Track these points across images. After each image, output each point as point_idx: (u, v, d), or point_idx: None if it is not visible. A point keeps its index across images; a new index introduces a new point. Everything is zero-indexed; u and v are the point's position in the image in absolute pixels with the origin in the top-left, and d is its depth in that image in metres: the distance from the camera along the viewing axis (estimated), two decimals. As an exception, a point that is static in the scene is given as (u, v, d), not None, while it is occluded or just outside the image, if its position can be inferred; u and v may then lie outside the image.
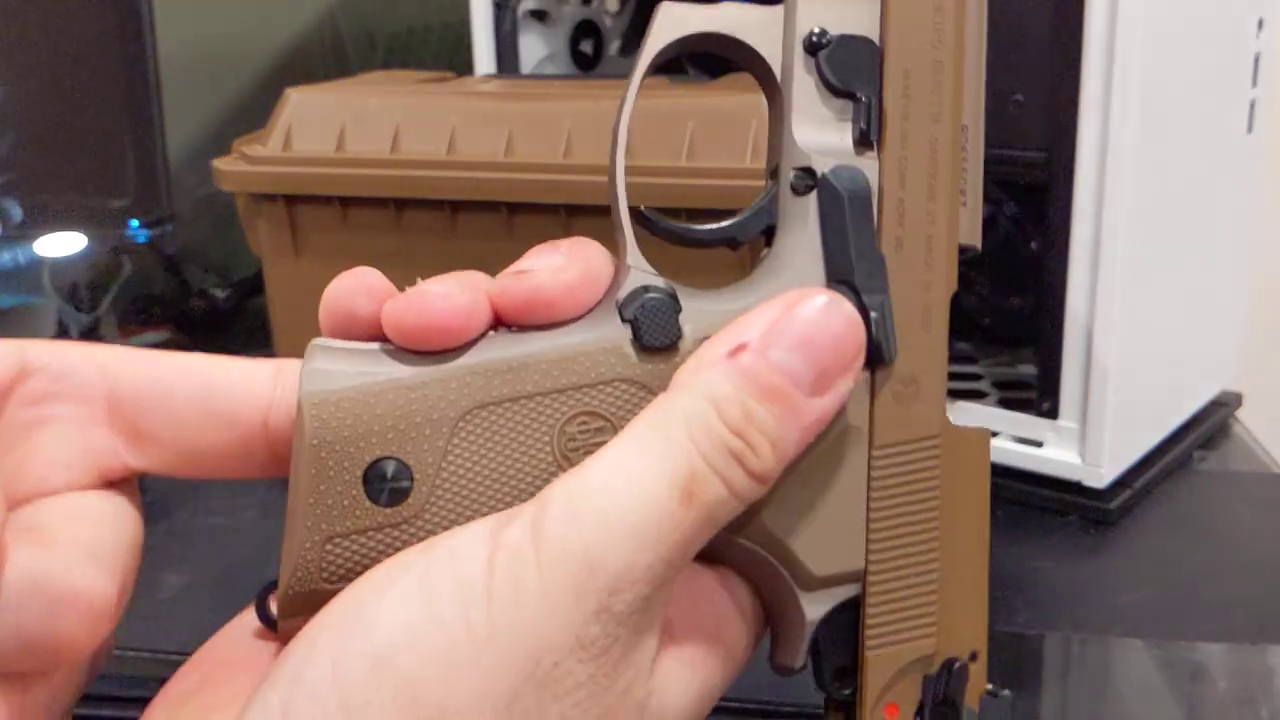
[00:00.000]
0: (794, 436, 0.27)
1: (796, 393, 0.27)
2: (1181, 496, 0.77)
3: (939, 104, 0.30)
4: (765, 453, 0.26)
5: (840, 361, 0.27)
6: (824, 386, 0.27)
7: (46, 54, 1.12)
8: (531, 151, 0.67)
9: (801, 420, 0.27)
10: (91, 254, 1.18)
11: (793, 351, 0.27)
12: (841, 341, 0.27)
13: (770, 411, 0.26)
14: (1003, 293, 0.83)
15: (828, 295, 0.28)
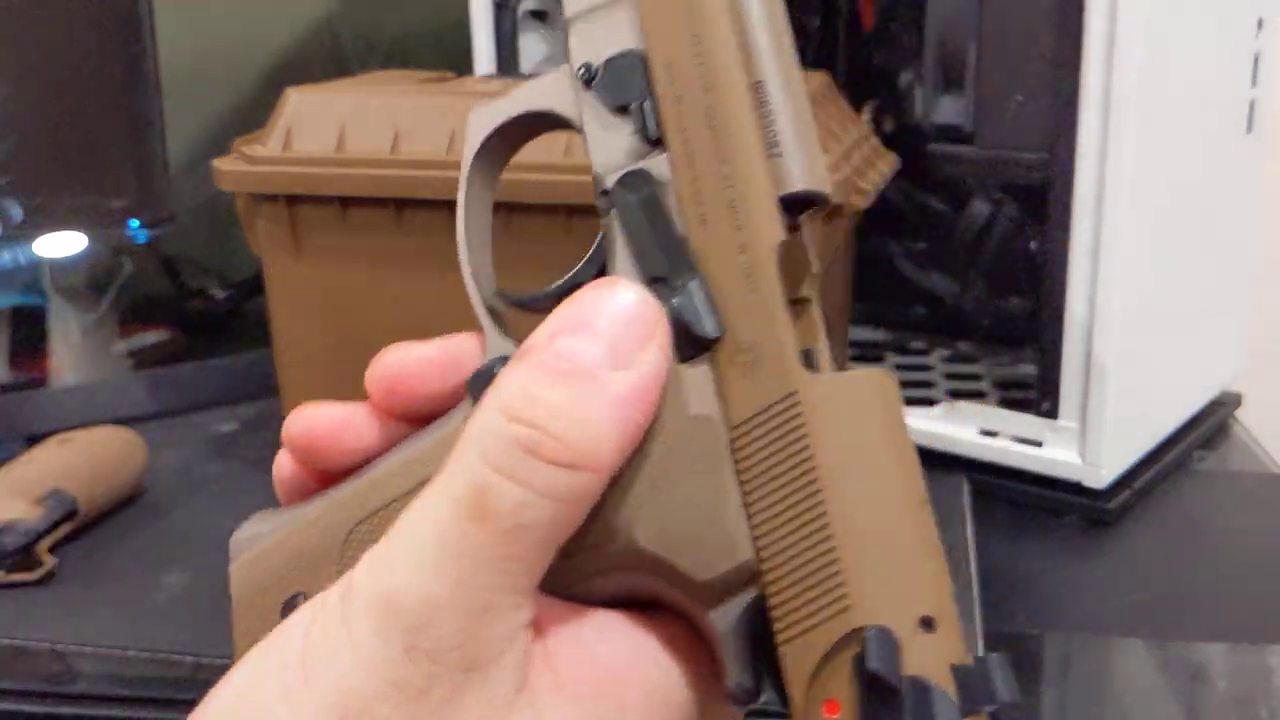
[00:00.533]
0: (605, 412, 0.25)
1: (592, 369, 0.25)
2: (1181, 496, 0.77)
3: (708, 74, 0.29)
4: (567, 434, 0.24)
5: (634, 333, 0.26)
6: (623, 360, 0.25)
7: (46, 55, 1.12)
8: (531, 151, 0.66)
9: (608, 392, 0.25)
10: (91, 254, 1.18)
11: (576, 334, 0.25)
12: (629, 314, 0.26)
13: (564, 392, 0.25)
14: (1003, 293, 0.83)
15: (607, 280, 0.27)
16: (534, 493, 0.24)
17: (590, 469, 0.24)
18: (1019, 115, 0.71)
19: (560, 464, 0.24)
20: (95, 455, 0.74)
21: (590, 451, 0.24)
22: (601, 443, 0.24)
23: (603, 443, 0.24)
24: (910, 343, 0.96)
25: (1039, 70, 0.69)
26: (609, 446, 0.25)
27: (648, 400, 0.25)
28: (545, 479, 0.24)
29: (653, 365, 0.26)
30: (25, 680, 0.59)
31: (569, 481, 0.24)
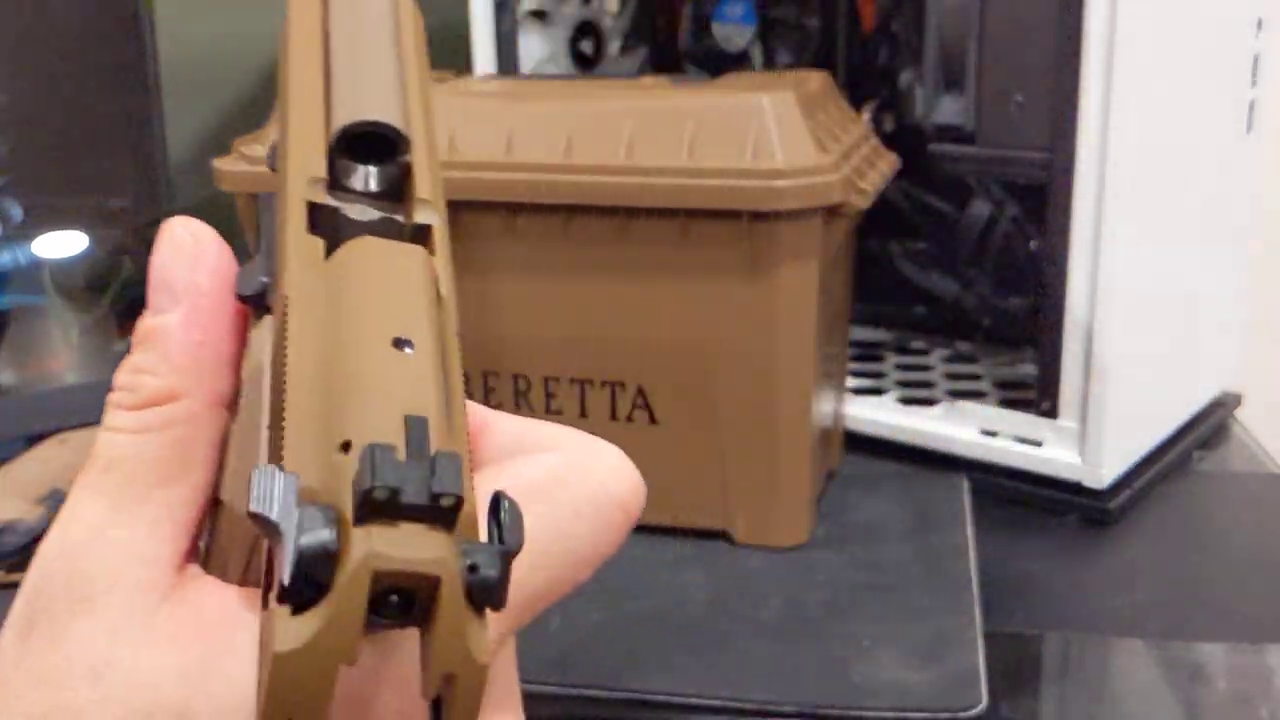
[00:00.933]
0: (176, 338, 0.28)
1: (158, 316, 0.28)
2: (1181, 496, 0.77)
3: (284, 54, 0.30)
4: (145, 382, 0.28)
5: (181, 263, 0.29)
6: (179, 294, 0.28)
7: (46, 54, 1.12)
8: (531, 151, 0.67)
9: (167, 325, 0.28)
10: (91, 254, 1.18)
11: (151, 289, 0.29)
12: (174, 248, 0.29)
13: (141, 350, 0.28)
14: (1003, 293, 0.83)
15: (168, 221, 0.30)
16: (113, 431, 0.27)
17: (164, 400, 0.27)
18: (1019, 115, 0.71)
19: (132, 407, 0.27)
20: (95, 455, 0.74)
21: (160, 389, 0.27)
22: (170, 377, 0.28)
23: (171, 376, 0.28)
24: (910, 343, 0.96)
25: (1039, 70, 0.69)
26: (180, 378, 0.28)
27: (203, 318, 0.28)
28: (123, 421, 0.27)
29: (199, 284, 0.28)
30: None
31: (144, 418, 0.27)
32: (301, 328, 0.24)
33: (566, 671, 0.58)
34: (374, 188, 0.27)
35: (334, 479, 0.21)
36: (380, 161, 0.27)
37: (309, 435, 0.22)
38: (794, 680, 0.57)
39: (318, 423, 0.22)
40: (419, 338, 0.23)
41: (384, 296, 0.24)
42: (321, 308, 0.24)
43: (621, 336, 0.68)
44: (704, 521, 0.70)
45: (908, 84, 0.92)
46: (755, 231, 0.63)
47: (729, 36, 0.96)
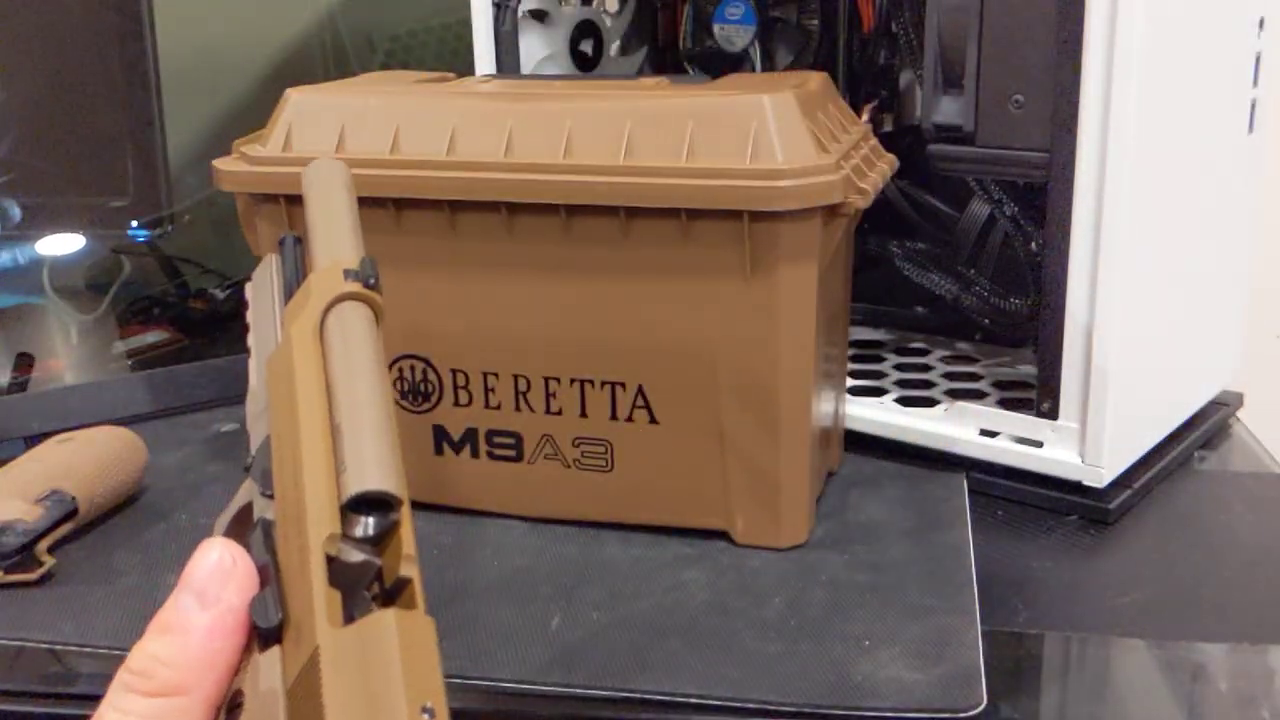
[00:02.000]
0: (196, 639, 0.32)
1: (183, 619, 0.32)
2: (1181, 496, 0.77)
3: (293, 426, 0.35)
4: (160, 672, 0.31)
5: (216, 580, 0.32)
6: (210, 601, 0.32)
7: (46, 54, 1.12)
8: (531, 151, 0.67)
9: (192, 626, 0.32)
10: (91, 254, 1.18)
11: (179, 591, 0.32)
12: (212, 566, 0.33)
13: (160, 641, 0.32)
14: (1002, 293, 0.83)
15: (204, 542, 0.33)
16: (121, 713, 0.31)
17: (173, 693, 0.31)
18: (1019, 115, 0.71)
19: (145, 693, 0.31)
20: (95, 455, 0.74)
21: (171, 681, 0.31)
22: (184, 673, 0.31)
23: (186, 673, 0.31)
24: (910, 343, 0.96)
25: (1039, 70, 0.69)
26: (192, 676, 0.31)
27: (226, 629, 0.32)
28: (135, 705, 0.31)
29: (229, 601, 0.32)
30: (25, 680, 0.59)
31: (154, 706, 0.31)
32: (338, 686, 0.29)
33: (567, 671, 0.58)
34: (371, 534, 0.32)
35: None
36: (377, 515, 0.32)
37: None
38: (794, 680, 0.57)
39: None
40: (437, 705, 0.28)
41: (409, 668, 0.29)
42: (355, 671, 0.29)
43: (621, 336, 0.68)
44: (704, 521, 0.70)
45: (907, 84, 0.92)
46: (755, 231, 0.63)
47: (729, 37, 0.96)
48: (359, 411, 0.34)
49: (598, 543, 0.70)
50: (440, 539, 0.71)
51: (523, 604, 0.64)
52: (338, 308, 0.38)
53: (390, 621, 0.29)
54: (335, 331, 0.37)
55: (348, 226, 0.42)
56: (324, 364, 0.36)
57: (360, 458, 0.33)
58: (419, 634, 0.29)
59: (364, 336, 0.37)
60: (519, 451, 0.72)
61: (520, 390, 0.70)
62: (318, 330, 0.37)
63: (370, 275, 0.39)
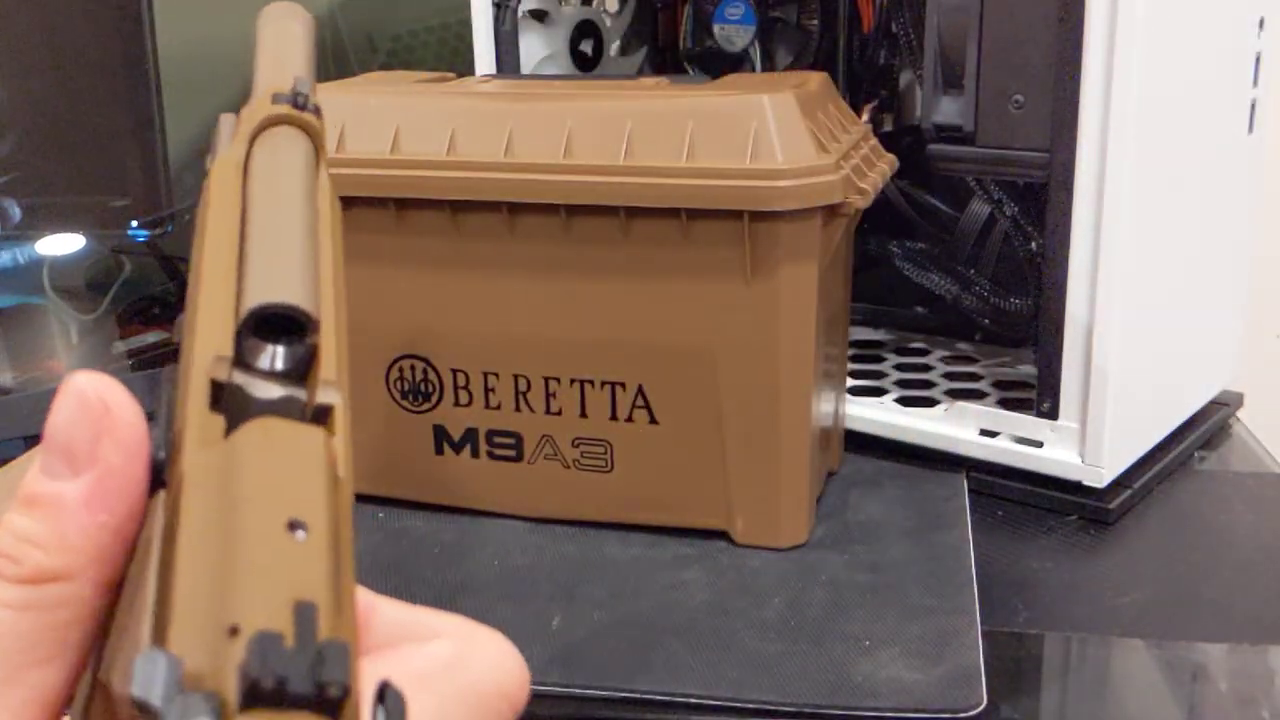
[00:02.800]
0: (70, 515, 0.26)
1: (52, 484, 0.26)
2: (1181, 496, 0.77)
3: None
4: (30, 555, 0.26)
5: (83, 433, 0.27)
6: (82, 464, 0.27)
7: (46, 54, 1.12)
8: (531, 151, 0.67)
9: (64, 498, 0.26)
10: (91, 254, 1.18)
11: (45, 449, 0.27)
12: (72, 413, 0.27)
13: (28, 516, 0.26)
14: (1003, 293, 0.83)
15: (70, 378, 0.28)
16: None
17: (50, 580, 0.26)
18: (1019, 115, 0.71)
19: (15, 580, 0.26)
20: (95, 455, 0.74)
21: (46, 566, 0.26)
22: (61, 555, 0.26)
23: (62, 555, 0.26)
24: (910, 343, 0.96)
25: (1039, 70, 0.69)
26: (72, 559, 0.26)
27: (107, 496, 0.26)
28: (3, 594, 0.26)
29: (106, 460, 0.26)
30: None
31: (26, 595, 0.26)
32: (195, 508, 0.24)
33: (567, 671, 0.58)
34: (280, 367, 0.27)
35: (220, 664, 0.21)
36: (288, 342, 0.27)
37: (196, 618, 0.22)
38: (794, 680, 0.57)
39: (206, 605, 0.22)
40: (313, 522, 0.23)
41: (280, 479, 0.24)
42: (217, 488, 0.24)
43: (621, 336, 0.68)
44: (704, 521, 0.70)
45: (907, 84, 0.92)
46: (755, 231, 0.63)
47: (729, 37, 0.96)
48: (271, 233, 0.29)
49: (598, 543, 0.70)
50: (440, 538, 0.71)
51: (523, 603, 0.64)
52: (265, 134, 0.33)
53: (259, 430, 0.25)
54: (259, 160, 0.32)
55: (294, 56, 0.36)
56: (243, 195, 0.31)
57: (264, 274, 0.28)
58: (304, 444, 0.25)
59: (290, 160, 0.32)
60: (519, 451, 0.72)
61: (520, 390, 0.70)
62: (241, 163, 0.32)
63: (303, 96, 0.33)
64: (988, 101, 0.72)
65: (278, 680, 0.20)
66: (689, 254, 0.65)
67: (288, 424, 0.25)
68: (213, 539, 0.23)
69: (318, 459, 0.25)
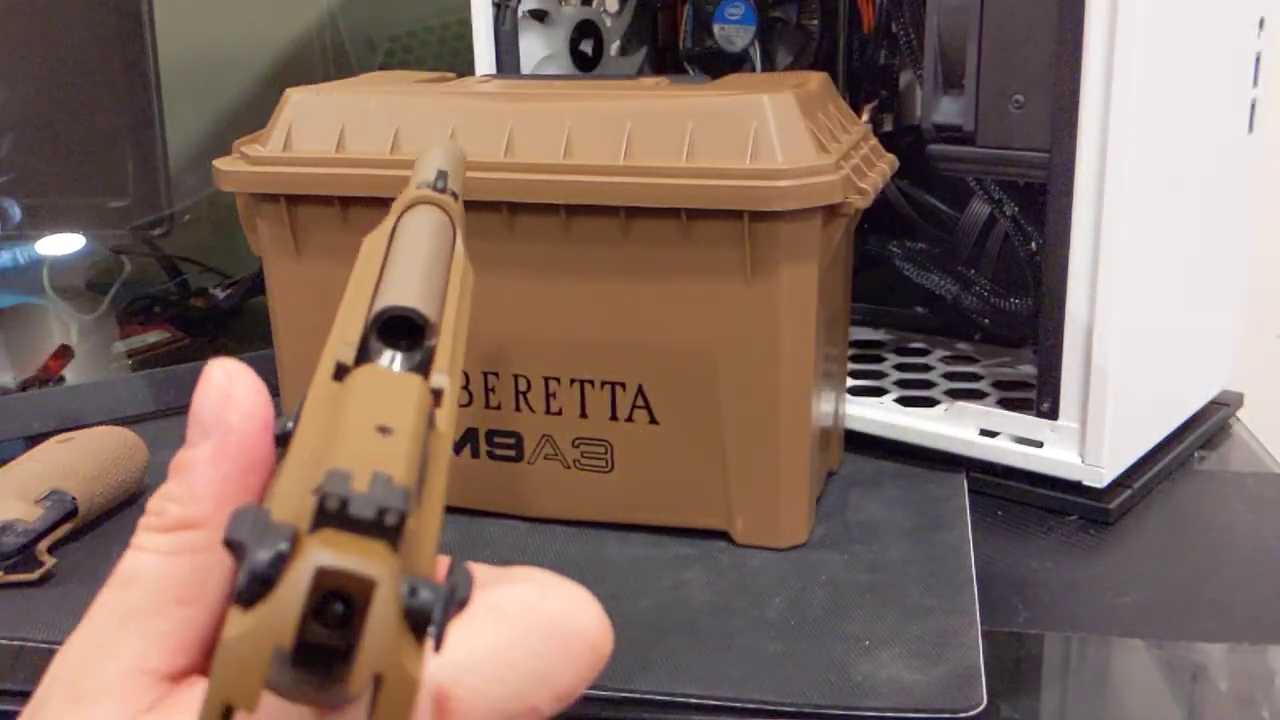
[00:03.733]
0: (199, 470, 0.30)
1: (188, 450, 0.31)
2: (1181, 496, 0.77)
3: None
4: (169, 509, 0.30)
5: (212, 401, 0.31)
6: (209, 428, 0.31)
7: (46, 54, 1.12)
8: (531, 151, 0.67)
9: (195, 458, 0.30)
10: (91, 254, 1.18)
11: (188, 429, 0.31)
12: (208, 389, 0.31)
13: (173, 480, 0.31)
14: (1003, 293, 0.83)
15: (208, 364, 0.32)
16: (138, 550, 0.30)
17: (186, 527, 0.30)
18: (1019, 115, 0.71)
19: (158, 529, 0.30)
20: (95, 455, 0.74)
21: (183, 516, 0.30)
22: (193, 505, 0.30)
23: (194, 505, 0.30)
24: (910, 343, 0.96)
25: (1039, 70, 0.69)
26: (201, 508, 0.30)
27: (229, 453, 0.30)
28: (149, 541, 0.30)
29: (227, 422, 0.30)
30: (25, 680, 0.59)
31: (168, 541, 0.30)
32: (306, 422, 0.28)
33: (566, 671, 0.58)
34: (399, 368, 0.30)
35: (302, 511, 0.24)
36: (407, 347, 0.30)
37: (290, 486, 0.25)
38: (794, 680, 0.57)
39: (299, 478, 0.25)
40: (400, 427, 0.26)
41: (378, 400, 0.27)
42: (326, 408, 0.28)
43: (621, 336, 0.68)
44: (704, 521, 0.70)
45: (907, 84, 0.92)
46: (755, 231, 0.63)
47: (729, 37, 0.96)
48: (401, 264, 0.33)
49: (598, 543, 0.70)
50: (440, 539, 0.71)
51: (523, 604, 0.64)
52: (409, 211, 0.38)
53: (367, 371, 0.28)
54: (401, 227, 0.37)
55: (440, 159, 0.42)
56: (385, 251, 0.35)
57: (391, 287, 0.32)
58: (403, 382, 0.28)
59: (424, 224, 0.37)
60: (519, 451, 0.72)
61: (520, 390, 0.70)
62: (388, 231, 0.37)
63: (442, 183, 0.40)
64: (988, 101, 0.72)
65: (340, 502, 0.23)
66: (689, 254, 0.65)
67: (389, 371, 0.29)
68: (315, 437, 0.27)
69: (413, 392, 0.28)
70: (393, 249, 0.35)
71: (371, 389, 0.28)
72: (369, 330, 0.30)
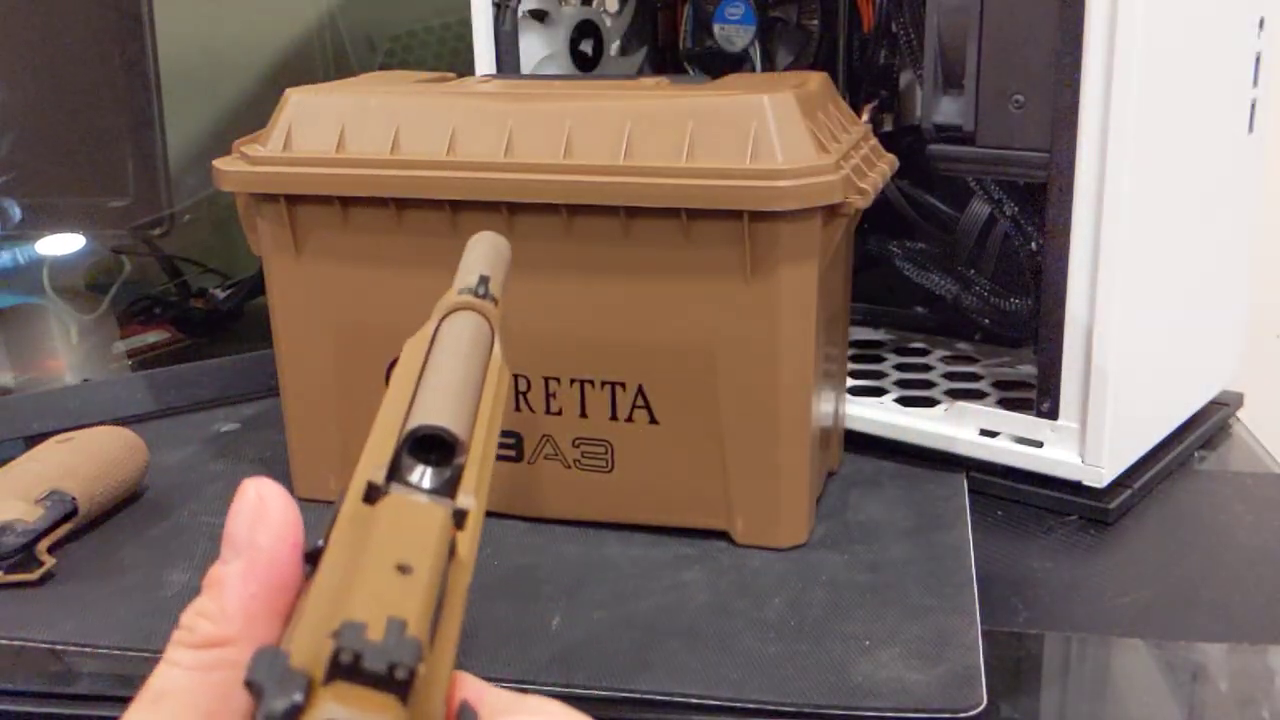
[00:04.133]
0: (230, 588, 0.31)
1: (220, 567, 0.32)
2: (1181, 496, 0.77)
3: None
4: (200, 625, 0.31)
5: (244, 522, 0.32)
6: (240, 547, 0.32)
7: (46, 54, 1.12)
8: (531, 151, 0.67)
9: (226, 576, 0.32)
10: (91, 254, 1.18)
11: (223, 545, 0.32)
12: (242, 509, 0.32)
13: (205, 595, 0.32)
14: (1003, 293, 0.83)
15: (243, 483, 0.33)
16: (169, 664, 0.31)
17: (215, 645, 0.31)
18: (1019, 115, 0.71)
19: (189, 645, 0.31)
20: (95, 455, 0.74)
21: (213, 633, 0.31)
22: (223, 623, 0.31)
23: (224, 622, 0.31)
24: (910, 343, 0.96)
25: (1039, 70, 0.69)
26: (231, 626, 0.31)
27: (258, 572, 0.31)
28: (180, 657, 0.31)
29: (258, 543, 0.32)
30: (25, 680, 0.59)
31: (198, 658, 0.31)
32: (331, 556, 0.29)
33: (567, 671, 0.58)
34: (428, 485, 0.32)
35: (320, 656, 0.25)
36: (437, 462, 0.32)
37: (310, 628, 0.27)
38: (794, 680, 0.57)
39: (320, 619, 0.27)
40: (419, 566, 0.28)
41: (401, 535, 0.29)
42: (351, 542, 0.29)
43: (621, 336, 0.68)
44: (704, 521, 0.70)
45: (907, 84, 0.92)
46: (755, 231, 0.63)
47: (729, 37, 0.96)
48: (438, 377, 0.35)
49: (598, 543, 0.70)
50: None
51: (523, 603, 0.64)
52: (450, 316, 0.40)
53: (394, 502, 0.30)
54: (441, 331, 0.39)
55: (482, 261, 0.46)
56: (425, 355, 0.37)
57: (424, 404, 0.33)
58: (427, 514, 0.30)
59: (463, 331, 0.39)
60: (519, 451, 0.72)
61: (520, 390, 0.70)
62: (429, 335, 0.39)
63: (483, 289, 0.42)
64: (988, 101, 0.72)
65: (355, 656, 0.24)
66: (689, 254, 0.65)
67: (415, 501, 0.31)
68: (339, 570, 0.28)
69: (436, 525, 0.30)
70: (430, 360, 0.37)
71: (396, 523, 0.30)
72: (401, 447, 0.32)
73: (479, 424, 0.34)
